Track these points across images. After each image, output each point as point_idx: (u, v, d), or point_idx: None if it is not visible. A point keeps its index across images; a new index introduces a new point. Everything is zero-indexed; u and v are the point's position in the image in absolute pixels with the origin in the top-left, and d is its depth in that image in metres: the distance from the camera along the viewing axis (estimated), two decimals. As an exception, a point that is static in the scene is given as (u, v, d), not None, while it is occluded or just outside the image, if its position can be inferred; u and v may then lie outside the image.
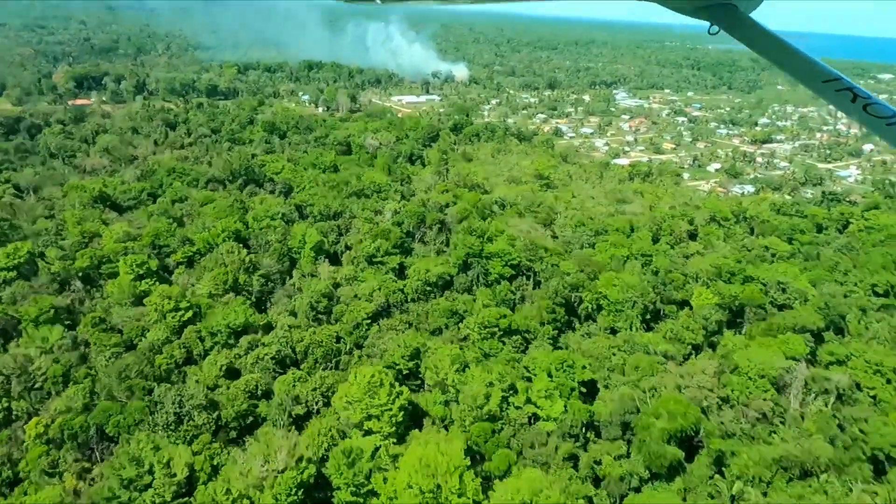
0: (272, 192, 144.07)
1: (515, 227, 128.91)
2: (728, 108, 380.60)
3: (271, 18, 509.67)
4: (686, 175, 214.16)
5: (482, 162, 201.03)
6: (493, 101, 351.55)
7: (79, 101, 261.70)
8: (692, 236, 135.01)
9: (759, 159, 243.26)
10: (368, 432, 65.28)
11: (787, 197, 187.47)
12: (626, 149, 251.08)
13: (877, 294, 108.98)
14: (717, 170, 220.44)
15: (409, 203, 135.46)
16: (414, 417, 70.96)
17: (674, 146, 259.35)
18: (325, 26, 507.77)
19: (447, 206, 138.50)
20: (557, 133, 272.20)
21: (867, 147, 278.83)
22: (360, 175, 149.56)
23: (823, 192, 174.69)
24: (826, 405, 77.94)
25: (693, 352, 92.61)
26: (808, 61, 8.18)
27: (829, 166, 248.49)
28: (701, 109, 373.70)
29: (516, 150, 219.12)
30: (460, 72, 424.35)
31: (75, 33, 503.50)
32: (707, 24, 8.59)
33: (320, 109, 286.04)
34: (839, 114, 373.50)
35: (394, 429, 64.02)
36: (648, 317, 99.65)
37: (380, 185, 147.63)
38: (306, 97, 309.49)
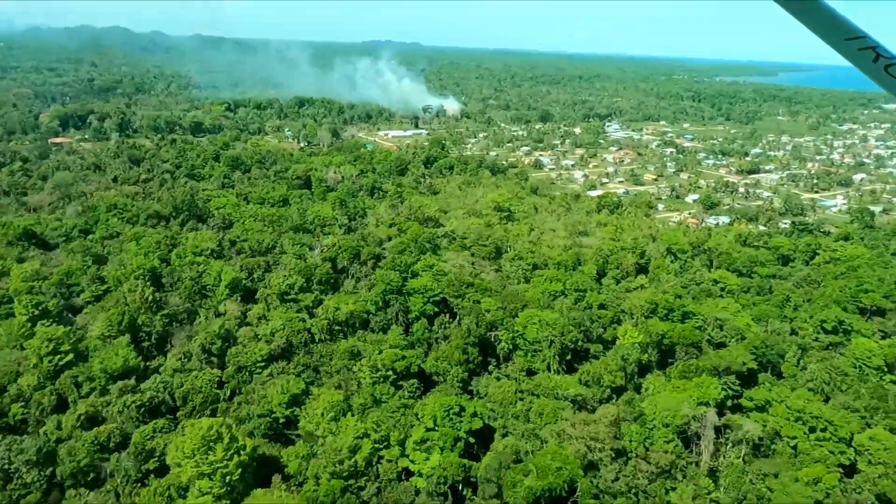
0: (213, 227, 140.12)
1: (453, 261, 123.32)
2: (721, 139, 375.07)
3: (266, 58, 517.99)
4: (661, 206, 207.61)
5: (448, 195, 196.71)
6: (481, 135, 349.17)
7: (59, 140, 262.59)
8: (642, 270, 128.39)
9: (741, 189, 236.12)
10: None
11: (762, 227, 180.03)
12: (605, 180, 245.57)
13: (825, 331, 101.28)
14: (694, 200, 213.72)
15: (346, 238, 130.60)
16: (266, 474, 64.58)
17: (655, 177, 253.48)
18: (317, 64, 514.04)
19: (389, 239, 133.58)
20: (537, 165, 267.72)
21: (858, 176, 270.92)
22: (304, 209, 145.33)
23: (794, 223, 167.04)
24: (740, 457, 70.38)
25: (613, 395, 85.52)
26: (833, 16, 7.95)
27: (815, 196, 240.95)
28: (693, 140, 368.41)
29: (486, 183, 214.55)
30: (451, 106, 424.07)
31: (82, 74, 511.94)
32: None
33: (302, 144, 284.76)
34: (835, 143, 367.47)
35: (226, 489, 57.70)
36: (570, 357, 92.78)
37: (325, 220, 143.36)
38: (290, 133, 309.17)
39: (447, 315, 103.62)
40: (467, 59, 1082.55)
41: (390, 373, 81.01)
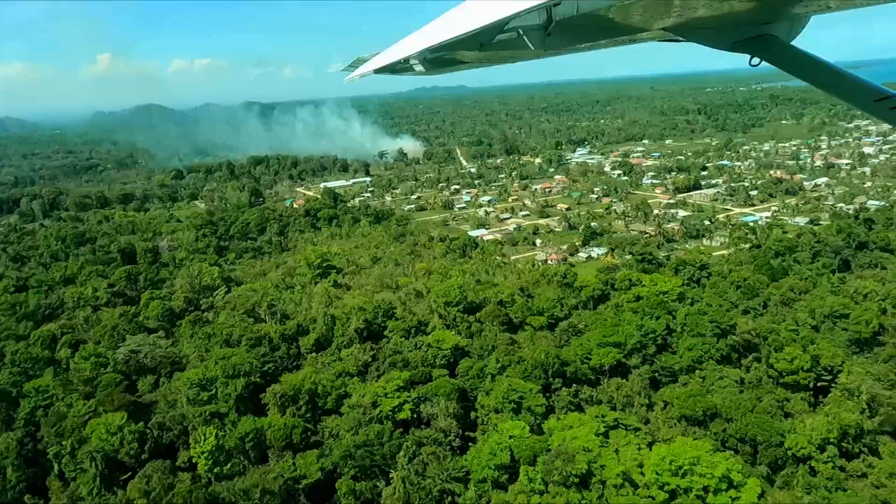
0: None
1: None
2: (691, 153, 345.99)
3: (218, 124, 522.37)
4: (538, 241, 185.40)
5: (298, 250, 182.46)
6: (428, 176, 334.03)
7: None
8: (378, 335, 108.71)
9: (656, 212, 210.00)
10: None
11: (629, 256, 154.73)
12: (506, 216, 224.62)
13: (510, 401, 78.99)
14: (581, 230, 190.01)
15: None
16: None
17: (567, 207, 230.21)
18: (273, 121, 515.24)
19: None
20: (447, 205, 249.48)
21: (818, 181, 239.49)
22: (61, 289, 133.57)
23: (640, 255, 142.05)
24: None
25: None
26: (857, 82, 8.02)
27: (745, 210, 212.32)
28: (660, 158, 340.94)
29: (356, 234, 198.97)
30: (411, 147, 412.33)
31: (73, 158, 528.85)
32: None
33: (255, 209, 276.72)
34: (824, 144, 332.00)
35: None
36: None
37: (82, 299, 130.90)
38: (221, 198, 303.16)
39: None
40: (490, 96, 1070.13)
41: None
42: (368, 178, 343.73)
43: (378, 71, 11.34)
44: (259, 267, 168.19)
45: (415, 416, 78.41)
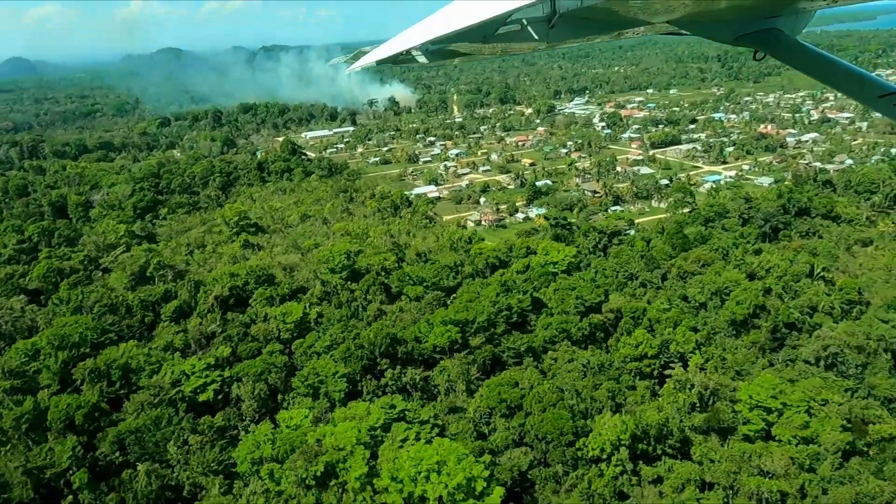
0: None
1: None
2: (688, 104, 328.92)
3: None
4: (482, 200, 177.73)
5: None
6: (412, 126, 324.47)
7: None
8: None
9: (619, 169, 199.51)
10: None
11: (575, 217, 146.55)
12: (465, 171, 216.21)
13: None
14: (526, 188, 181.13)
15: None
16: None
17: (532, 162, 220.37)
18: (267, 68, 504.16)
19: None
20: (412, 159, 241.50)
21: (793, 140, 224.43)
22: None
23: (556, 219, 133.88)
24: None
25: None
26: (862, 77, 8.13)
27: (715, 168, 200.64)
28: (654, 109, 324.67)
29: (301, 188, 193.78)
30: (402, 94, 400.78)
31: (79, 103, 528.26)
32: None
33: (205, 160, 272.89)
34: (829, 100, 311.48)
35: None
36: None
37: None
38: (192, 147, 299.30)
39: None
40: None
41: None
42: (352, 128, 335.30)
43: (380, 62, 11.63)
44: (186, 223, 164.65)
45: (220, 396, 74.35)
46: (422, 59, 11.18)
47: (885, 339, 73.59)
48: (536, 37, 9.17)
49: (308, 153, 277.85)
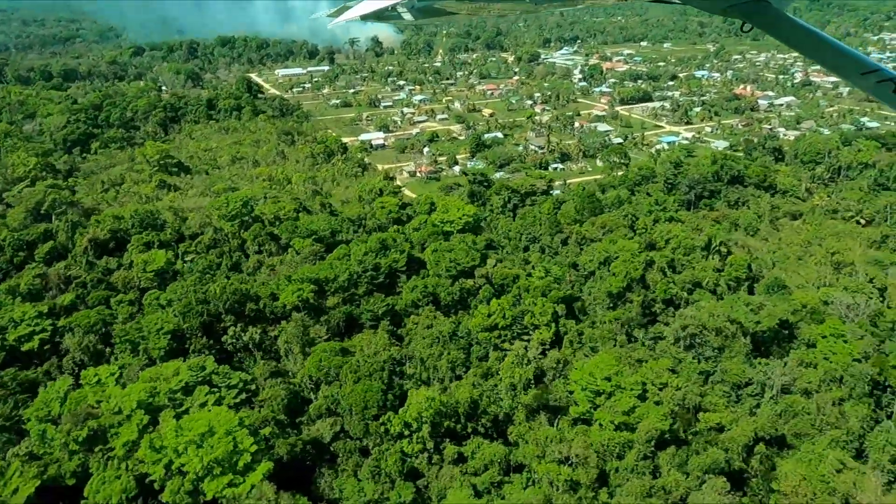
0: None
1: None
2: (675, 59, 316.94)
3: None
4: (426, 150, 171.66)
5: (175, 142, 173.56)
6: (388, 68, 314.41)
7: None
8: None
9: (577, 125, 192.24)
10: None
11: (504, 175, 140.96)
12: (422, 118, 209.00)
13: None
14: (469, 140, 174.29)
15: None
16: None
17: (492, 112, 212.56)
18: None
19: None
20: (373, 103, 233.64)
21: (765, 102, 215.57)
22: None
23: (475, 175, 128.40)
24: None
25: None
26: (846, 54, 7.98)
27: (675, 129, 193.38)
28: (640, 63, 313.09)
29: (245, 128, 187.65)
30: (386, 35, 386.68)
31: (64, 27, 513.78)
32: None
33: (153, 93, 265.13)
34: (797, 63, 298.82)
35: None
36: None
37: None
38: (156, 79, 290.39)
39: None
40: None
41: None
42: (327, 68, 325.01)
43: (364, 17, 11.60)
44: (116, 159, 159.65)
45: (46, 347, 71.31)
46: (407, 17, 11.01)
47: (741, 323, 69.51)
48: None
49: (274, 91, 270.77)
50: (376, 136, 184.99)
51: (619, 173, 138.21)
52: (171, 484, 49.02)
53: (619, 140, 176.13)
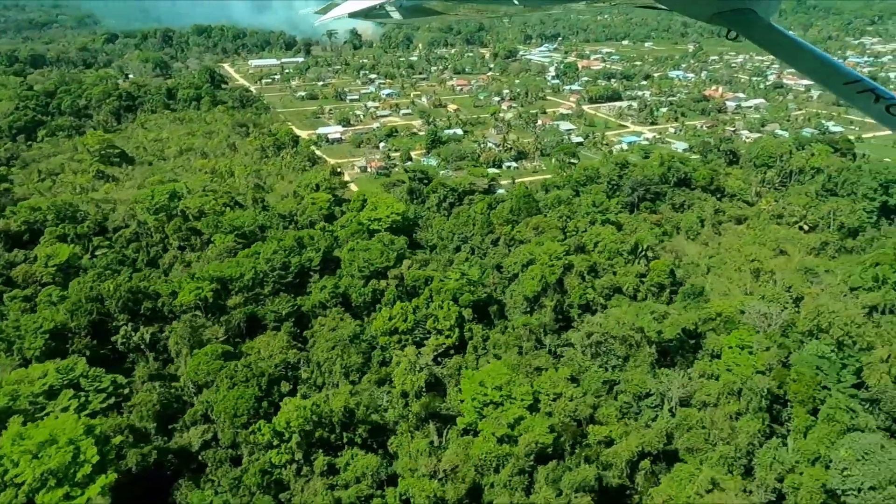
0: None
1: None
2: (652, 59, 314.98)
3: None
4: (382, 145, 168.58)
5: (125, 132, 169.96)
6: (363, 61, 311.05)
7: None
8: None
9: (540, 123, 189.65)
10: None
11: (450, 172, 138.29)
12: (385, 113, 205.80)
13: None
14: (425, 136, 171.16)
15: None
16: None
17: (457, 108, 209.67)
18: None
19: None
20: (339, 96, 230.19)
21: (733, 104, 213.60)
22: None
23: (415, 172, 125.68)
24: None
25: None
26: (829, 64, 8.13)
27: (639, 129, 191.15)
28: (617, 62, 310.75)
29: (199, 119, 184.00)
30: (365, 28, 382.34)
31: (44, 13, 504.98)
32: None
33: (120, 81, 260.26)
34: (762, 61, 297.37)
35: None
36: None
37: None
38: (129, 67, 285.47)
39: None
40: None
41: None
42: (301, 59, 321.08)
43: (352, 15, 12.16)
44: (61, 148, 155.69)
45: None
46: (395, 16, 11.19)
47: (644, 332, 67.14)
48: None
49: (242, 82, 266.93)
50: (333, 130, 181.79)
51: (566, 173, 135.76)
52: (3, 496, 46.10)
53: (580, 139, 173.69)
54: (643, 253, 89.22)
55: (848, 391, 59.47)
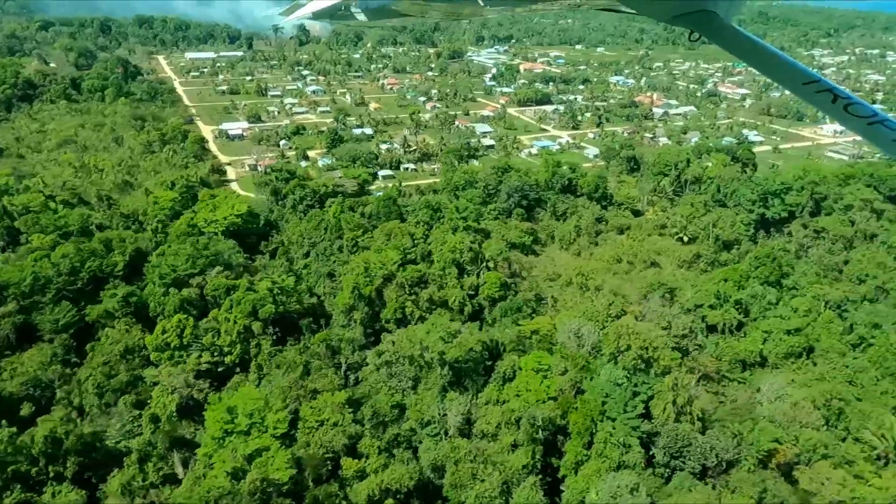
0: None
1: None
2: (598, 64, 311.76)
3: None
4: (283, 143, 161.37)
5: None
6: (303, 57, 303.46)
7: None
8: None
9: (458, 124, 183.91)
10: None
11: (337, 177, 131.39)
12: (302, 110, 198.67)
13: None
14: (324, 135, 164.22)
15: None
16: None
17: (377, 107, 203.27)
18: None
19: None
20: (261, 91, 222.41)
21: (659, 111, 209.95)
22: None
23: (289, 172, 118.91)
24: None
25: None
26: (788, 64, 8.21)
27: (558, 133, 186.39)
28: (563, 66, 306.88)
29: (96, 110, 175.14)
30: (314, 24, 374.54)
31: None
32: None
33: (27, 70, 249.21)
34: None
35: None
36: None
37: None
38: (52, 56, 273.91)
39: None
40: None
41: None
42: (240, 53, 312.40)
43: (316, 15, 11.99)
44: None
45: None
46: (361, 17, 10.92)
47: (436, 351, 61.08)
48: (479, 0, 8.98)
49: (169, 74, 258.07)
50: (236, 126, 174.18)
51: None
52: None
53: (492, 142, 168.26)
54: (484, 264, 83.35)
55: (631, 422, 53.93)
